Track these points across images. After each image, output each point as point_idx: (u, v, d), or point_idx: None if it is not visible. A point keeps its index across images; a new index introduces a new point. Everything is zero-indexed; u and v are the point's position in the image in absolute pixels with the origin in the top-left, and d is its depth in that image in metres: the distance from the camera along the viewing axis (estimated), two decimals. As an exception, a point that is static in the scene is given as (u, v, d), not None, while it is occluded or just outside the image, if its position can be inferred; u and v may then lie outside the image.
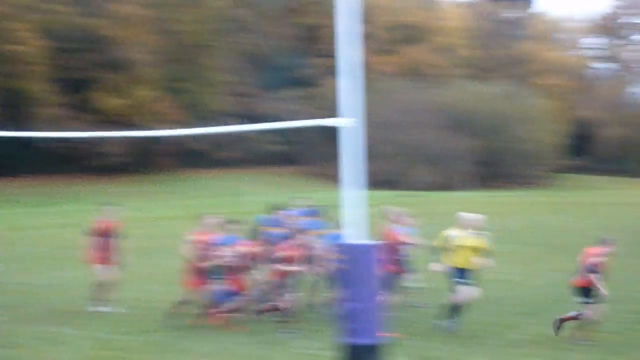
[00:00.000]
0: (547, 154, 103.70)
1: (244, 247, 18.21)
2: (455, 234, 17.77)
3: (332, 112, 13.39)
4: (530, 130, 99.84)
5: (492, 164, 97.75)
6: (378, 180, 75.46)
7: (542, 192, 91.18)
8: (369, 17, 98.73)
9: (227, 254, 17.91)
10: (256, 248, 18.40)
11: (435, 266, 17.85)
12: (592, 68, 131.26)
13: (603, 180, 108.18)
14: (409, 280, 19.42)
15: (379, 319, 12.59)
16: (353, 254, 12.39)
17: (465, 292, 17.53)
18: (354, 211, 12.42)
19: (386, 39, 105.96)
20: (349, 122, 12.34)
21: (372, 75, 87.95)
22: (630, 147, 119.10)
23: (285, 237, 18.48)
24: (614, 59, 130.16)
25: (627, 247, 37.12)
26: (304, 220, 19.99)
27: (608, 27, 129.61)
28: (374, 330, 12.30)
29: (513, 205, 64.00)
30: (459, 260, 17.51)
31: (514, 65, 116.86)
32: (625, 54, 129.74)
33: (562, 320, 17.42)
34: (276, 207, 19.86)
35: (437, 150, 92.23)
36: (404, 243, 19.09)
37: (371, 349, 12.22)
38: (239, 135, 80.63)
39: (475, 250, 17.69)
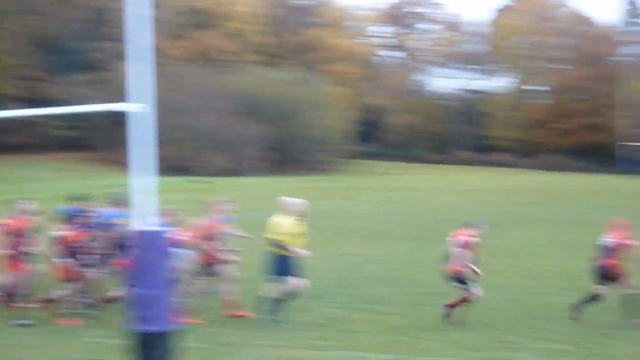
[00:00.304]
0: (336, 140, 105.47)
1: (61, 233, 17.70)
2: (279, 221, 17.42)
3: (123, 97, 13.20)
4: (319, 116, 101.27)
5: (282, 149, 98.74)
6: (168, 165, 75.05)
7: (331, 177, 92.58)
8: (158, 0, 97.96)
9: (37, 241, 17.54)
10: (73, 235, 17.84)
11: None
12: (379, 56, 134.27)
13: (390, 165, 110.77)
14: (223, 269, 18.95)
15: (170, 305, 12.53)
16: (143, 240, 12.27)
17: (293, 283, 17.37)
18: (143, 197, 12.31)
19: (177, 24, 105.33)
20: (138, 107, 12.20)
21: (162, 60, 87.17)
22: (415, 134, 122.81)
23: (98, 226, 18.10)
24: (400, 47, 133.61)
25: (407, 230, 38.26)
26: (108, 210, 19.61)
27: (394, 15, 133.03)
28: (164, 317, 12.21)
29: (301, 190, 64.54)
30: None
31: (304, 52, 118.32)
32: (411, 42, 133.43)
33: (450, 306, 17.55)
34: (76, 198, 19.35)
35: (228, 136, 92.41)
36: (222, 231, 18.63)
37: (161, 336, 12.14)
38: (26, 120, 78.61)
39: (298, 236, 17.44)
